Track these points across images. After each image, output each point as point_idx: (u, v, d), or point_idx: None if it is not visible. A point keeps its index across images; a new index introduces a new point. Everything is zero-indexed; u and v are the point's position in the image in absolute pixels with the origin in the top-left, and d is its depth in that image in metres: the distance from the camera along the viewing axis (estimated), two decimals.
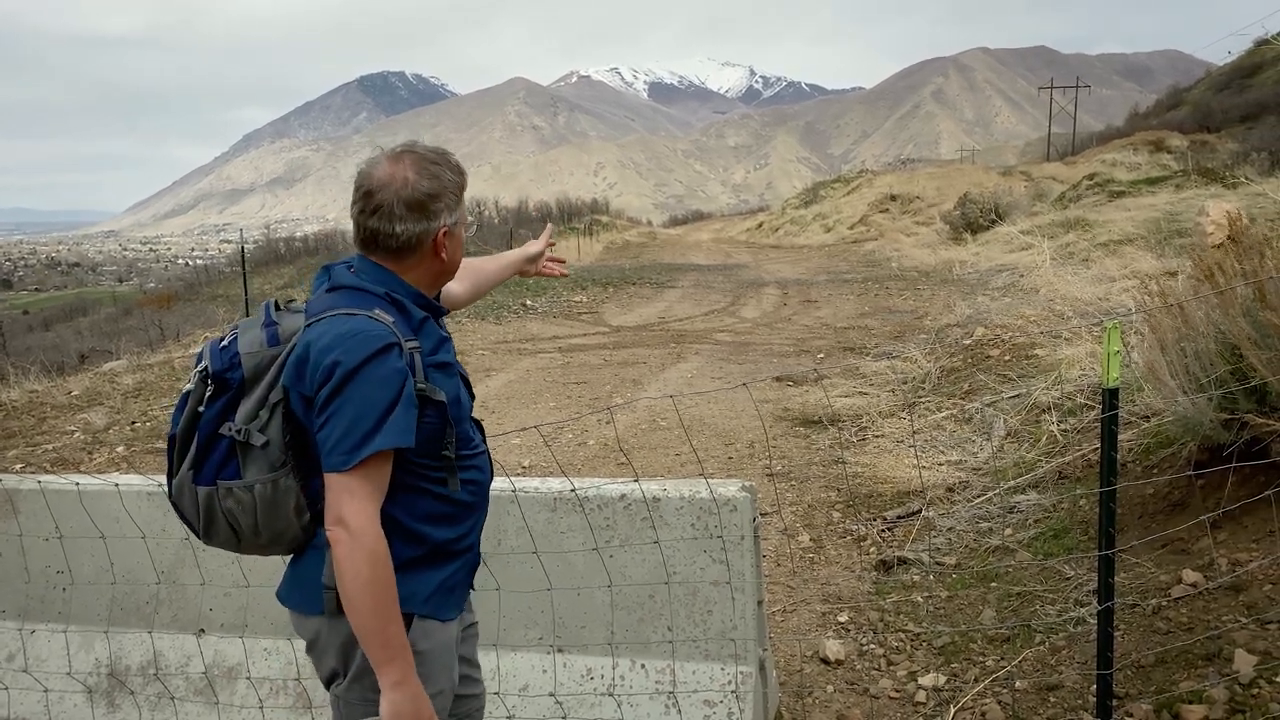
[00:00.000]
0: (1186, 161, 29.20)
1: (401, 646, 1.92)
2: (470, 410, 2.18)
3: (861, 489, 6.14)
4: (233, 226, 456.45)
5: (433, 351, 2.04)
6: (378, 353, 1.89)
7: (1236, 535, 3.98)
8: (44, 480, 3.74)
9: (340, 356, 1.88)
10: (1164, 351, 4.51)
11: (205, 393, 1.98)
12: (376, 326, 1.92)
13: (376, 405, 1.87)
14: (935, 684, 3.70)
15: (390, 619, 1.90)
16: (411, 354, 1.96)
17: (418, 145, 2.08)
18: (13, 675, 3.67)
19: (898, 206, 39.02)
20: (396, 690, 1.90)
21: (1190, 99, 63.27)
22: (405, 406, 1.91)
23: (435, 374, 2.01)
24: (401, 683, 1.91)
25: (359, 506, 1.87)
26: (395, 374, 1.90)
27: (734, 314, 16.34)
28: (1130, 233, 16.74)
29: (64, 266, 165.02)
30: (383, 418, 1.88)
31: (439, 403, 2.00)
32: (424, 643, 2.06)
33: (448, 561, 2.12)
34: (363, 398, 1.87)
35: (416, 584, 2.06)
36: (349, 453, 1.86)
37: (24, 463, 8.32)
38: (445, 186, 2.05)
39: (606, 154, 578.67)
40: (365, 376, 1.87)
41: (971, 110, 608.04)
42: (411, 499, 2.03)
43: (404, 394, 1.91)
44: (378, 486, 1.92)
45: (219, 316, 22.51)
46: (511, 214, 75.31)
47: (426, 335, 2.05)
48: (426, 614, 2.08)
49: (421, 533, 2.06)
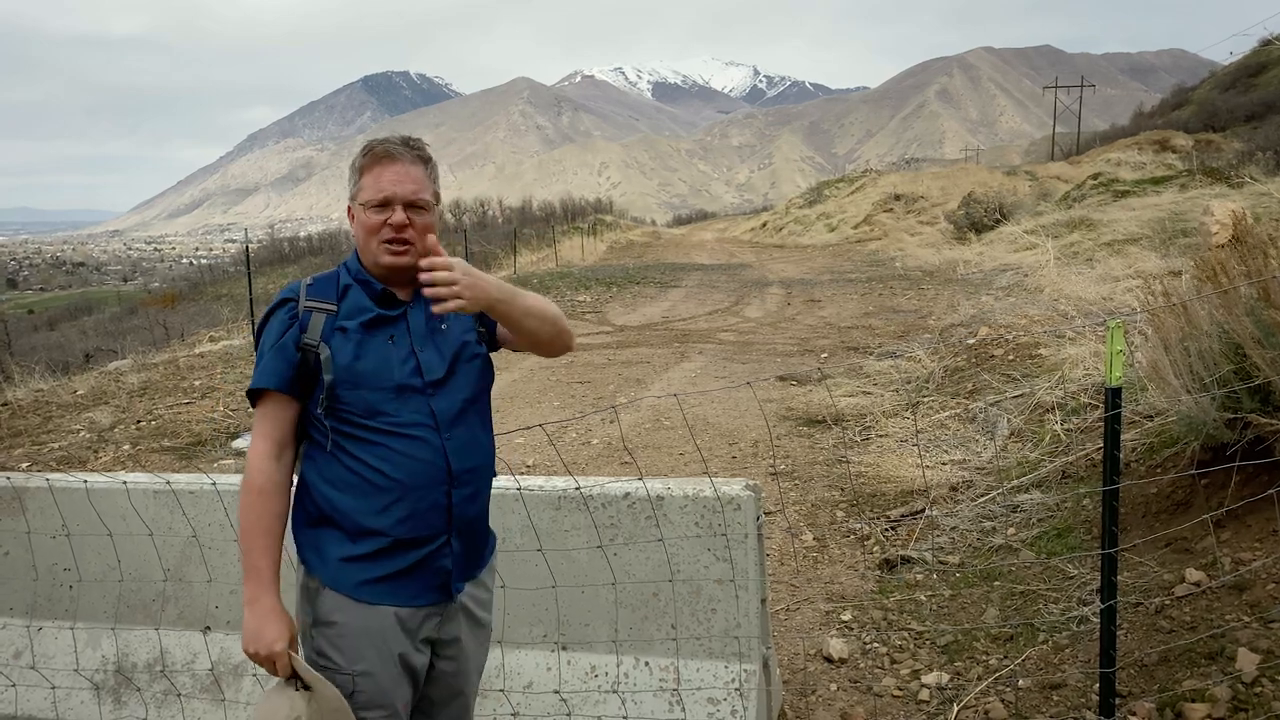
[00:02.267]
0: (1191, 161, 29.15)
1: (258, 570, 2.11)
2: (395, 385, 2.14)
3: (865, 488, 6.15)
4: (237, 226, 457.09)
5: (346, 316, 2.18)
6: (274, 306, 2.21)
7: (1240, 534, 3.98)
8: (52, 478, 3.76)
9: None
10: (1167, 351, 4.51)
11: None
12: (290, 285, 2.24)
13: (263, 350, 2.17)
14: (938, 682, 3.71)
15: (253, 543, 2.12)
16: (310, 311, 2.17)
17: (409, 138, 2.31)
18: (20, 672, 3.69)
19: (902, 206, 38.98)
20: (247, 606, 2.12)
21: (1195, 98, 63.15)
22: (278, 354, 2.14)
23: (336, 335, 2.16)
24: (252, 601, 2.11)
25: (252, 442, 2.17)
26: (278, 323, 2.17)
27: (738, 314, 16.34)
28: (1134, 232, 16.72)
29: (69, 266, 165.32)
30: (259, 360, 2.17)
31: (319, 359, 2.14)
32: (337, 615, 2.16)
33: (360, 538, 2.15)
34: (261, 343, 2.19)
35: (323, 547, 2.19)
36: (248, 393, 2.20)
37: (30, 461, 8.35)
38: (351, 164, 2.27)
39: (610, 154, 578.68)
40: (266, 326, 2.20)
41: (976, 110, 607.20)
42: (320, 457, 2.19)
43: (280, 343, 2.15)
44: (269, 424, 2.16)
45: (223, 316, 22.56)
46: (515, 214, 75.34)
47: (347, 301, 2.20)
48: (333, 586, 2.16)
49: (326, 494, 2.17)
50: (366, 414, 2.13)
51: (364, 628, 2.15)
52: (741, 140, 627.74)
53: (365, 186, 2.18)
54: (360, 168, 2.21)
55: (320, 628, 2.17)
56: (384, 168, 2.16)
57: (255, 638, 2.09)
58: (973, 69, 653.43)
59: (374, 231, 2.16)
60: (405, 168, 2.17)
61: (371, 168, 2.18)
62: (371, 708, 2.16)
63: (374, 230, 2.16)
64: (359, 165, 2.21)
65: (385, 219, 2.15)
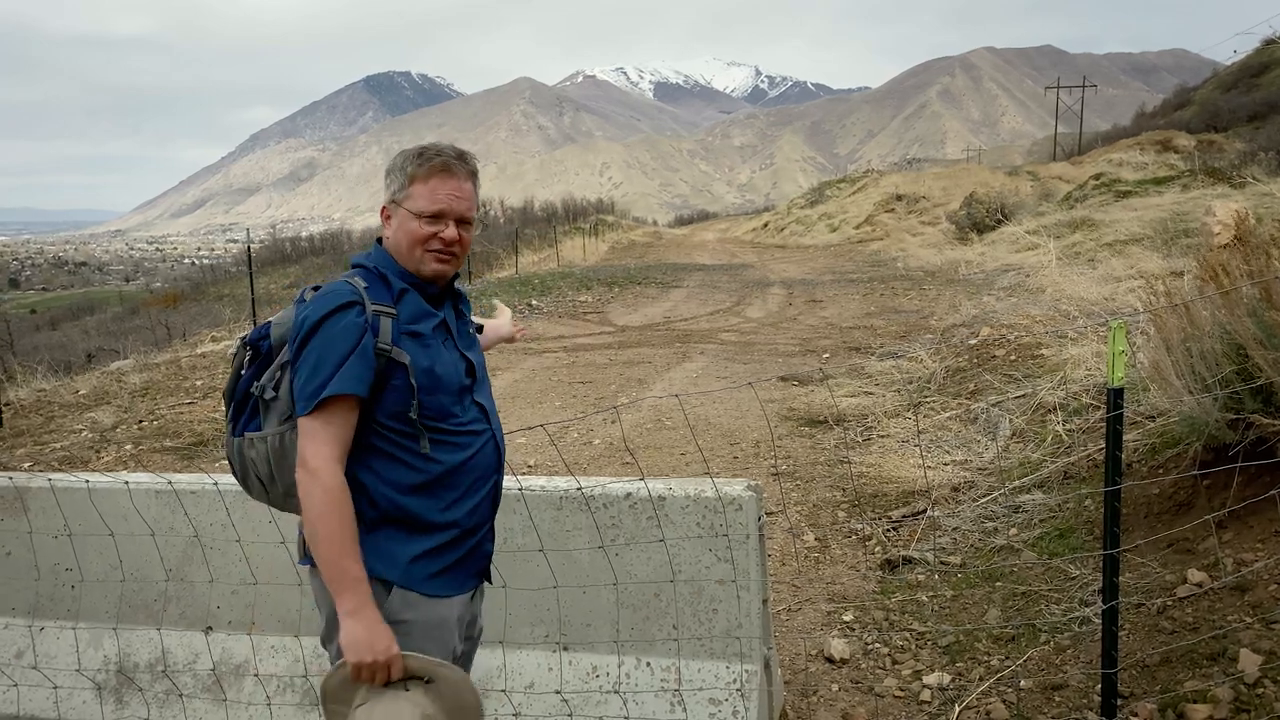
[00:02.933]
0: (1193, 161, 29.11)
1: (355, 579, 2.04)
2: (454, 386, 2.23)
3: (867, 489, 6.15)
4: (239, 226, 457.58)
5: (410, 321, 2.17)
6: (338, 309, 2.09)
7: (1242, 535, 3.98)
8: (54, 478, 3.77)
9: (308, 312, 2.11)
10: (1169, 351, 4.50)
11: (245, 358, 2.24)
12: (344, 287, 2.13)
13: (333, 355, 2.06)
14: (940, 683, 3.71)
15: (344, 552, 2.04)
16: (377, 315, 2.12)
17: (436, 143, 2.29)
18: (22, 672, 3.69)
19: (903, 206, 38.96)
20: (350, 618, 2.03)
21: (1198, 98, 63.13)
22: (359, 358, 2.07)
23: (407, 340, 2.15)
24: (355, 611, 2.03)
25: (316, 449, 2.05)
26: (353, 328, 2.08)
27: (739, 314, 16.34)
28: (1136, 233, 16.70)
29: (71, 266, 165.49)
30: (338, 366, 2.06)
31: (402, 365, 2.12)
32: (407, 613, 2.17)
33: (427, 534, 2.19)
34: (322, 347, 2.07)
35: (392, 549, 2.17)
36: (308, 399, 2.06)
37: (33, 461, 8.36)
38: (393, 165, 2.25)
39: (612, 154, 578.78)
40: (326, 329, 2.08)
41: (978, 110, 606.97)
42: (380, 461, 2.16)
43: (359, 347, 2.07)
44: (338, 431, 2.08)
45: (225, 316, 22.58)
46: (517, 214, 75.35)
47: (406, 305, 2.19)
48: (405, 585, 2.17)
49: (390, 496, 2.16)
50: (439, 416, 2.18)
51: (431, 621, 2.21)
52: (743, 140, 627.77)
53: (418, 195, 2.20)
54: (413, 175, 2.21)
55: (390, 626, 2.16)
56: (441, 181, 2.20)
57: (369, 647, 2.04)
58: (975, 69, 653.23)
59: (422, 241, 2.20)
60: (460, 184, 2.23)
61: (428, 178, 2.20)
62: None
63: (423, 240, 2.20)
64: (412, 172, 2.21)
65: (437, 231, 2.20)
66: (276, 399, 2.17)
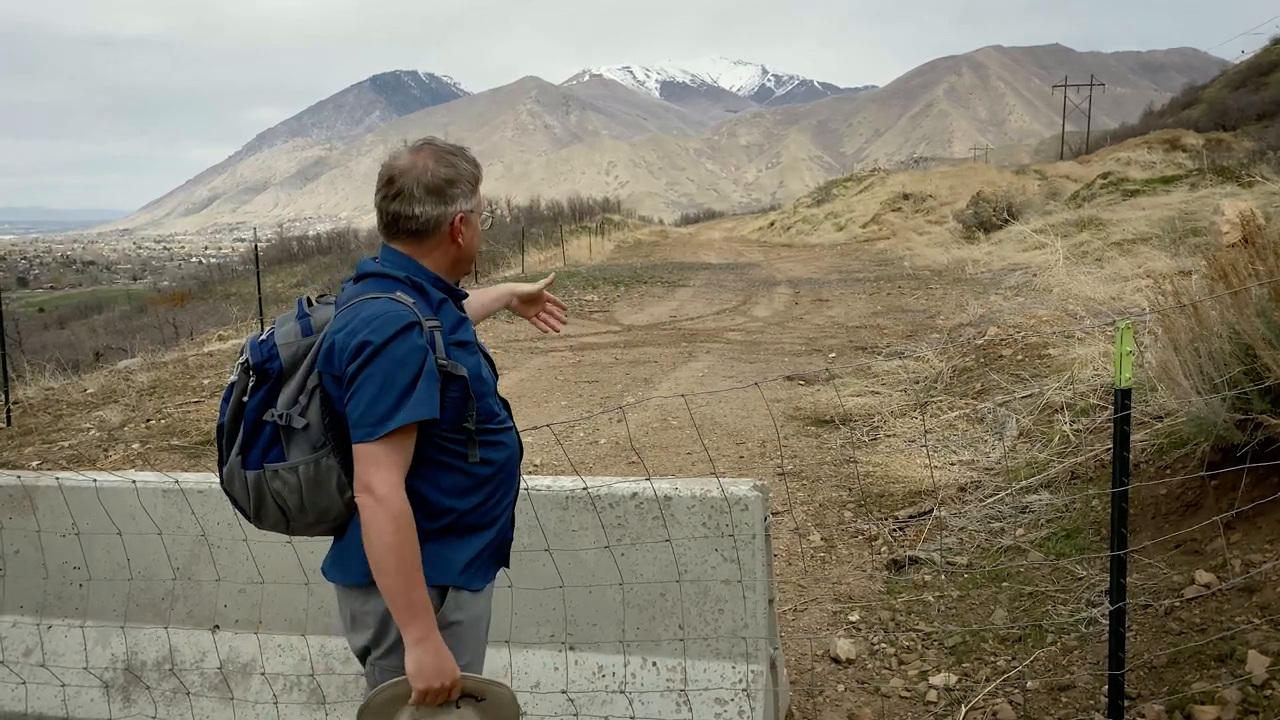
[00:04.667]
0: (1202, 160, 28.99)
1: (424, 606, 2.02)
2: (493, 387, 2.29)
3: (873, 488, 6.14)
4: (246, 225, 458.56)
5: (452, 330, 2.16)
6: (400, 331, 2.01)
7: (1250, 536, 3.97)
8: (62, 477, 3.78)
9: (367, 336, 2.01)
10: (1177, 351, 4.49)
11: (248, 383, 2.13)
12: (398, 308, 2.05)
13: (401, 380, 2.00)
14: (946, 683, 3.70)
15: (413, 581, 2.00)
16: (432, 332, 2.08)
17: (437, 139, 2.23)
18: (30, 670, 3.71)
19: (910, 205, 38.88)
20: (419, 646, 2.01)
21: (1206, 97, 62.93)
22: (428, 381, 2.03)
23: (456, 351, 2.13)
24: (424, 639, 2.02)
25: (384, 475, 1.99)
26: (417, 350, 2.02)
27: (745, 313, 16.33)
28: (1144, 232, 16.65)
29: (79, 265, 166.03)
30: (406, 391, 2.00)
31: (460, 378, 2.11)
32: (458, 614, 2.17)
33: (477, 533, 2.22)
34: (387, 373, 1.99)
35: (449, 555, 2.16)
36: (375, 424, 1.99)
37: (41, 459, 8.39)
38: (461, 174, 2.17)
39: (618, 153, 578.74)
40: (389, 353, 2.00)
41: (985, 109, 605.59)
42: (435, 473, 2.13)
43: (425, 369, 2.03)
44: (403, 456, 2.03)
45: (232, 314, 22.64)
46: (524, 212, 75.41)
47: (445, 315, 2.16)
48: (460, 585, 2.17)
49: (447, 505, 2.16)
50: (486, 418, 2.21)
51: (476, 616, 2.24)
52: (749, 139, 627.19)
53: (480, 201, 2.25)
54: (477, 180, 2.23)
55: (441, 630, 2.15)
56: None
57: (439, 673, 2.03)
58: (982, 68, 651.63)
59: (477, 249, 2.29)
60: None
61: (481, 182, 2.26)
62: None
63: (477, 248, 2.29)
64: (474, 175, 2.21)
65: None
66: (308, 427, 2.08)
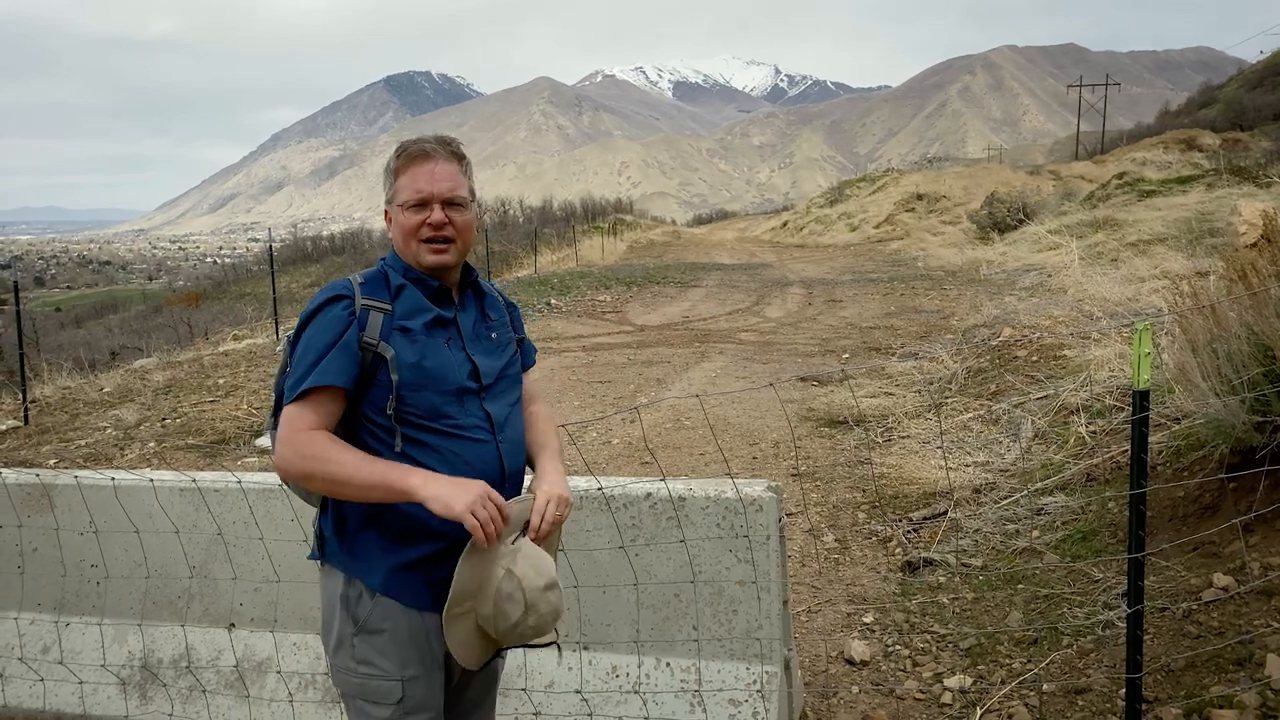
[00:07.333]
0: (1218, 160, 28.81)
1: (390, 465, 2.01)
2: (456, 388, 2.14)
3: (887, 490, 6.12)
4: (261, 225, 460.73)
5: (404, 316, 2.13)
6: (326, 302, 2.10)
7: (1269, 539, 3.94)
8: (80, 475, 3.81)
9: (305, 307, 2.14)
10: (1195, 353, 4.46)
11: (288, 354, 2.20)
12: (339, 283, 2.15)
13: (316, 347, 2.07)
14: (961, 686, 3.69)
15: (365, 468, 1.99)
16: (367, 310, 2.10)
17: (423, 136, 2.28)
18: (49, 667, 3.74)
19: (924, 206, 38.75)
20: (426, 487, 1.98)
21: (1222, 97, 62.48)
22: (341, 352, 2.05)
23: (396, 335, 2.11)
24: (424, 480, 1.99)
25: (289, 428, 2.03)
26: (336, 321, 2.08)
27: (758, 313, 16.31)
28: (1160, 232, 16.55)
29: (95, 265, 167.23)
30: (319, 358, 2.05)
31: (386, 360, 2.08)
32: (385, 622, 2.12)
33: (412, 543, 2.11)
34: (308, 339, 2.09)
35: (372, 555, 2.13)
36: (293, 388, 2.06)
37: (58, 458, 8.46)
38: (384, 168, 2.24)
39: (631, 153, 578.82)
40: (314, 322, 2.10)
41: (999, 109, 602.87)
42: None
43: (342, 341, 2.06)
44: (315, 417, 2.04)
45: (247, 314, 22.75)
46: (536, 213, 75.48)
47: (403, 301, 2.15)
48: (387, 593, 2.12)
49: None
50: (430, 416, 2.11)
51: (413, 634, 2.14)
52: (762, 139, 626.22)
53: (401, 188, 2.18)
54: (395, 169, 2.19)
55: (366, 635, 2.13)
56: (418, 167, 2.16)
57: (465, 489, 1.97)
58: (996, 68, 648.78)
59: (413, 232, 2.16)
60: (440, 165, 2.17)
61: (406, 168, 2.17)
62: (418, 712, 2.15)
63: (413, 231, 2.16)
64: (393, 167, 2.19)
65: (424, 219, 2.15)
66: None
